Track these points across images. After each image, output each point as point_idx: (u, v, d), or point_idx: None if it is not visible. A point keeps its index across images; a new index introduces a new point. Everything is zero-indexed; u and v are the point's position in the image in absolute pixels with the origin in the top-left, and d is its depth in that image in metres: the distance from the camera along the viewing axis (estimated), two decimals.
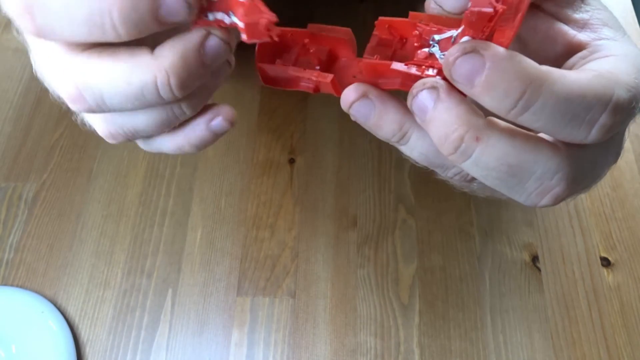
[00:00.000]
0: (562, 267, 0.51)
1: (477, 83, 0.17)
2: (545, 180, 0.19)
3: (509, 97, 0.17)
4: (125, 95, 0.20)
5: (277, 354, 0.47)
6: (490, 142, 0.18)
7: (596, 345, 0.47)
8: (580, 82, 0.18)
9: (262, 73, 0.23)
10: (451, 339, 0.47)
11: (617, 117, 0.18)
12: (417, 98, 0.19)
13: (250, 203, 0.54)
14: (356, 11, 0.67)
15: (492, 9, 0.17)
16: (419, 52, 0.20)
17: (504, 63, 0.17)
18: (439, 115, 0.19)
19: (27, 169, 0.57)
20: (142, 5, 0.18)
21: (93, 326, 0.48)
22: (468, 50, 0.17)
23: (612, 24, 0.22)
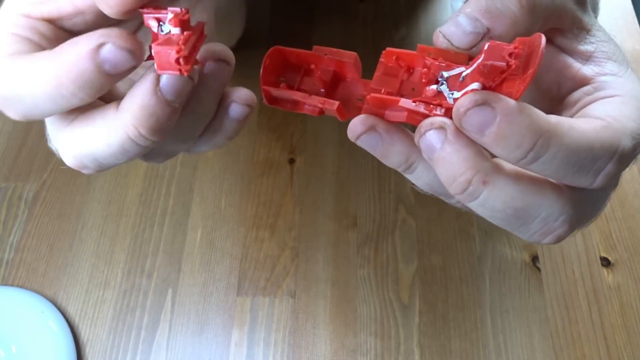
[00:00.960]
0: (562, 267, 0.51)
1: (487, 134, 0.18)
2: (549, 222, 0.19)
3: (519, 148, 0.17)
4: (113, 154, 0.20)
5: (277, 354, 0.47)
6: (497, 186, 0.19)
7: (596, 345, 0.47)
8: (588, 134, 0.18)
9: (267, 94, 0.23)
10: (451, 339, 0.47)
11: (622, 165, 0.19)
12: (424, 137, 0.19)
13: (250, 203, 0.54)
14: (356, 11, 0.67)
15: (505, 64, 0.18)
16: (427, 89, 0.20)
17: (515, 116, 0.17)
18: (447, 157, 0.19)
19: (27, 169, 0.57)
20: (86, 68, 0.18)
21: (93, 326, 0.48)
22: (479, 103, 0.18)
23: (616, 57, 0.22)
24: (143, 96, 0.19)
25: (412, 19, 0.66)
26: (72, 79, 0.19)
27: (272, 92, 0.23)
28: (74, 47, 0.19)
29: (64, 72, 0.19)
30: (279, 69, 0.23)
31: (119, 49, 0.18)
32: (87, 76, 0.19)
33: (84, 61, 0.18)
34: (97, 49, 0.18)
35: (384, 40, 0.64)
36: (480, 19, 0.19)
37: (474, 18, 0.20)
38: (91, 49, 0.18)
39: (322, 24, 0.66)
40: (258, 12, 0.66)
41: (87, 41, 0.19)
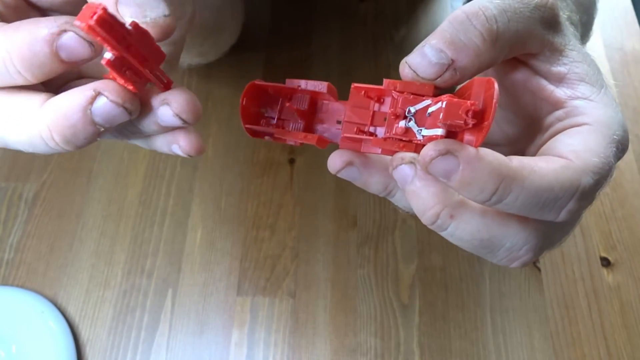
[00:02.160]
0: (562, 267, 0.51)
1: (452, 179, 0.19)
2: (514, 251, 0.21)
3: (482, 192, 0.19)
4: (19, 143, 0.20)
5: (277, 354, 0.47)
6: (463, 219, 0.20)
7: (596, 345, 0.47)
8: (548, 176, 0.19)
9: (248, 131, 0.24)
10: (451, 339, 0.47)
11: (584, 202, 0.20)
12: (397, 170, 0.21)
13: (250, 203, 0.54)
14: (356, 11, 0.67)
15: (463, 122, 0.19)
16: (396, 126, 0.21)
17: (476, 164, 0.18)
18: (417, 191, 0.20)
19: (27, 169, 0.57)
20: (40, 50, 0.18)
21: (93, 326, 0.48)
22: (443, 153, 0.19)
23: (589, 78, 0.23)
24: (71, 107, 0.19)
25: (412, 19, 0.66)
26: (22, 58, 0.18)
27: (253, 129, 0.24)
28: (33, 26, 0.18)
29: (15, 49, 0.18)
30: (259, 101, 0.24)
31: (80, 39, 0.18)
32: (38, 59, 0.18)
33: (41, 43, 0.18)
34: (58, 34, 0.18)
35: (384, 40, 0.64)
36: (445, 50, 0.20)
37: (439, 49, 0.20)
38: (52, 32, 0.18)
39: (322, 24, 0.66)
40: (258, 13, 0.66)
41: (50, 24, 0.18)
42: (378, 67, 0.61)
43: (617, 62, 0.63)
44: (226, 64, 0.63)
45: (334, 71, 0.62)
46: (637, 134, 0.58)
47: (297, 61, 0.63)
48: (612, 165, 0.20)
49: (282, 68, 0.62)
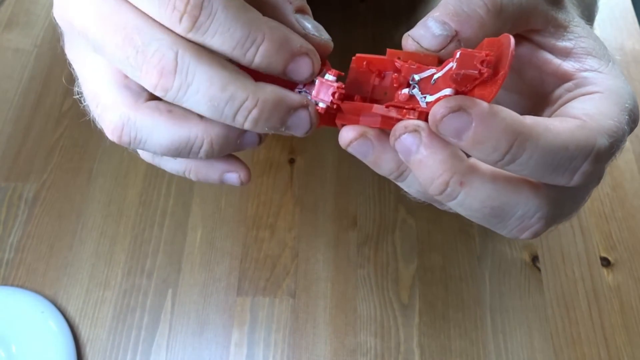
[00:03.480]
0: (562, 267, 0.51)
1: (464, 138, 0.18)
2: (526, 220, 0.20)
3: (496, 151, 0.18)
4: (164, 146, 0.21)
5: (277, 354, 0.47)
6: (473, 186, 0.19)
7: (596, 345, 0.47)
8: (563, 134, 0.18)
9: None
10: (451, 338, 0.47)
11: (599, 164, 0.19)
12: (399, 140, 0.20)
13: (250, 203, 0.54)
14: (356, 11, 0.67)
15: (477, 72, 0.18)
16: (399, 94, 0.20)
17: (490, 120, 0.18)
18: (423, 160, 0.19)
19: (27, 169, 0.57)
20: (231, 139, 0.21)
21: (93, 326, 0.48)
22: (455, 109, 0.18)
23: (596, 52, 0.22)
24: (232, 129, 0.21)
25: (412, 19, 0.66)
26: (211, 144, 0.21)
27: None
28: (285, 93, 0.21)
29: (264, 110, 0.21)
30: None
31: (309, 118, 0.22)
32: (225, 146, 0.22)
33: (285, 112, 0.21)
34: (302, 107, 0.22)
35: (384, 40, 0.64)
36: (448, 22, 0.20)
37: (442, 21, 0.20)
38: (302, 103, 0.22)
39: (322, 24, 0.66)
40: None
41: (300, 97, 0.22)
42: None
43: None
44: None
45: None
46: (637, 134, 0.58)
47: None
48: (625, 132, 0.20)
49: None
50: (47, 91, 0.62)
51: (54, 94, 0.62)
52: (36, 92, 0.62)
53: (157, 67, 0.19)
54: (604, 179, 0.55)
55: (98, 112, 0.22)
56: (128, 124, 0.21)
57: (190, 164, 0.24)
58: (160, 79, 0.19)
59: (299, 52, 0.20)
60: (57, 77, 0.63)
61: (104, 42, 0.20)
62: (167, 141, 0.21)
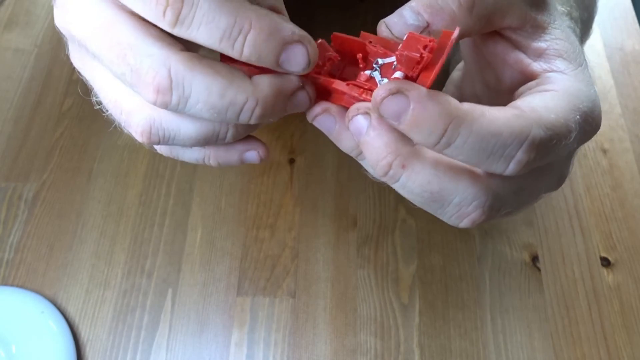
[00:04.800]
0: (562, 267, 0.51)
1: (402, 121, 0.19)
2: (463, 207, 0.21)
3: (432, 134, 0.19)
4: (193, 138, 0.22)
5: (277, 354, 0.47)
6: (415, 170, 0.20)
7: (596, 345, 0.47)
8: (498, 121, 0.19)
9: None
10: (451, 339, 0.47)
11: (534, 154, 0.19)
12: (352, 121, 0.21)
13: (250, 203, 0.54)
14: (356, 11, 0.67)
15: (419, 55, 0.19)
16: (361, 74, 0.22)
17: (426, 103, 0.18)
18: (371, 141, 0.20)
19: (27, 169, 0.57)
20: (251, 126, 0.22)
21: (93, 326, 0.48)
22: (393, 92, 0.19)
23: (567, 55, 0.23)
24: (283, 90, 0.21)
25: None
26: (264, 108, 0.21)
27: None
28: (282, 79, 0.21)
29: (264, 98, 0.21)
30: None
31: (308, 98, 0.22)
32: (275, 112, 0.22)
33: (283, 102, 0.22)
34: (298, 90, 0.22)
35: None
36: (422, 13, 0.21)
37: (417, 12, 0.21)
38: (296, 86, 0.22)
39: (322, 24, 0.66)
40: None
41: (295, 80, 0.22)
42: None
43: (617, 62, 0.63)
44: None
45: None
46: (637, 134, 0.58)
47: None
48: (571, 130, 0.20)
49: None
50: (47, 91, 0.62)
51: (54, 94, 0.62)
52: (36, 92, 0.62)
53: (153, 85, 0.19)
54: (604, 179, 0.55)
55: (124, 119, 0.22)
56: (155, 125, 0.22)
57: (209, 150, 0.25)
58: (158, 96, 0.19)
59: (290, 40, 0.20)
60: (57, 77, 0.63)
61: (101, 56, 0.20)
62: (195, 133, 0.22)
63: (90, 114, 0.60)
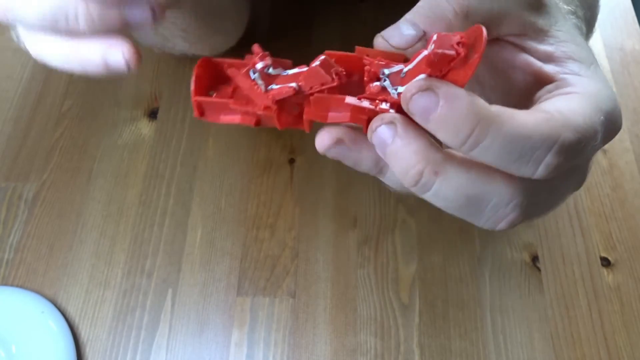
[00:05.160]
0: (562, 267, 0.51)
1: (431, 118, 0.19)
2: (501, 208, 0.20)
3: (460, 133, 0.18)
4: (39, 14, 0.20)
5: (277, 354, 0.47)
6: (448, 175, 0.20)
7: (596, 345, 0.47)
8: (527, 124, 0.19)
9: (199, 107, 0.23)
10: (451, 339, 0.47)
11: (563, 157, 0.19)
12: (376, 133, 0.20)
13: (250, 203, 0.54)
14: (356, 11, 0.67)
15: (455, 52, 0.19)
16: (371, 86, 0.21)
17: (456, 102, 0.18)
18: (398, 150, 0.20)
19: (27, 169, 0.57)
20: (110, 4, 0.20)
21: (93, 326, 0.48)
22: (424, 88, 0.19)
23: (578, 56, 0.23)
24: None
25: None
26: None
27: (203, 104, 0.22)
28: None
29: None
30: (210, 81, 0.23)
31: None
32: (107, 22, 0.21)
33: None
34: None
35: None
36: (417, 24, 0.21)
37: (413, 23, 0.21)
38: None
39: (322, 24, 0.66)
40: (257, 13, 0.66)
41: None
42: None
43: (617, 62, 0.63)
44: None
45: None
46: (637, 133, 0.58)
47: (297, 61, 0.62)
48: (597, 131, 0.20)
49: None
50: (47, 91, 0.62)
51: (54, 94, 0.62)
52: (36, 92, 0.62)
53: None
54: (604, 179, 0.55)
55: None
56: None
57: (71, 48, 0.22)
58: None
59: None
60: (57, 77, 0.63)
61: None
62: (41, 6, 0.20)
63: (90, 114, 0.60)
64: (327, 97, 0.21)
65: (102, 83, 0.63)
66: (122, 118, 0.60)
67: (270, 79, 0.22)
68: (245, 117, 0.22)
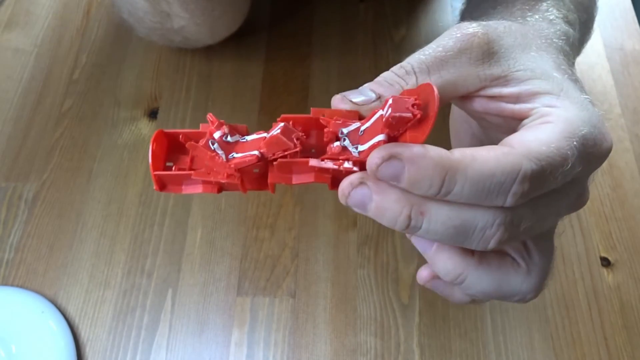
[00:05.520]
0: (562, 267, 0.51)
1: (402, 180, 0.20)
2: (487, 230, 0.21)
3: (431, 187, 0.20)
4: None
5: (277, 354, 0.47)
6: (432, 212, 0.21)
7: (596, 345, 0.47)
8: (489, 162, 0.20)
9: (159, 181, 0.23)
10: (451, 339, 0.47)
11: (527, 185, 0.20)
12: (351, 197, 0.22)
13: (250, 203, 0.54)
14: (356, 11, 0.67)
15: (411, 114, 0.20)
16: (332, 146, 0.22)
17: (420, 161, 0.20)
18: (380, 205, 0.21)
19: (27, 169, 0.57)
20: None
21: (93, 326, 0.48)
22: (386, 158, 0.20)
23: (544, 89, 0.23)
24: None
25: (412, 19, 0.66)
26: None
27: (164, 179, 0.23)
28: None
29: None
30: (166, 153, 0.23)
31: None
32: None
33: None
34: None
35: (383, 40, 0.64)
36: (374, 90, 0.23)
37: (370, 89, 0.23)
38: None
39: (322, 24, 0.66)
40: (257, 14, 0.66)
41: None
42: (378, 66, 0.61)
43: (617, 62, 0.63)
44: (226, 65, 0.63)
45: (333, 71, 0.62)
46: (637, 133, 0.58)
47: (297, 62, 0.63)
48: (567, 157, 0.21)
49: (282, 69, 0.62)
50: (47, 91, 0.62)
51: (54, 94, 0.62)
52: (36, 92, 0.62)
53: None
54: (604, 179, 0.55)
55: None
56: None
57: None
58: None
59: None
60: (57, 77, 0.63)
61: None
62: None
63: (90, 114, 0.60)
64: (290, 162, 0.22)
65: (102, 83, 0.63)
66: (122, 118, 0.60)
67: (229, 146, 0.22)
68: (207, 187, 0.23)
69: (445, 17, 0.66)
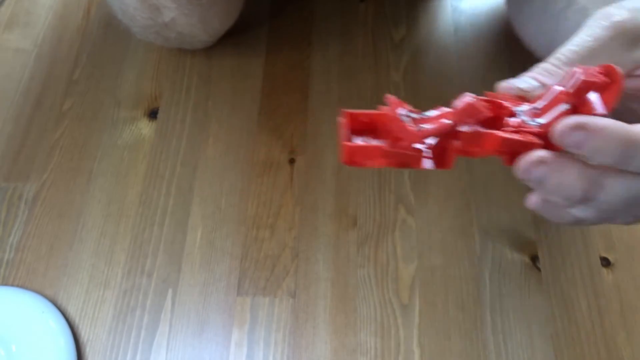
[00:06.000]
0: (562, 267, 0.50)
1: (584, 147, 0.21)
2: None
3: (611, 157, 0.21)
4: None
5: (277, 354, 0.47)
6: (609, 185, 0.22)
7: (596, 345, 0.47)
8: None
9: (350, 152, 0.23)
10: (451, 339, 0.47)
11: None
12: (531, 173, 0.23)
13: (250, 203, 0.54)
14: (356, 11, 0.67)
15: (598, 79, 0.22)
16: (510, 120, 0.23)
17: (603, 133, 0.21)
18: (561, 182, 0.22)
19: (27, 169, 0.57)
20: None
21: (93, 326, 0.48)
22: (573, 126, 0.21)
23: None
24: None
25: (412, 19, 0.66)
26: None
27: (354, 149, 0.23)
28: None
29: None
30: (352, 131, 0.24)
31: None
32: None
33: None
34: None
35: (384, 40, 0.64)
36: (536, 78, 0.25)
37: (532, 77, 0.25)
38: None
39: (322, 23, 0.66)
40: (257, 14, 0.66)
41: None
42: (378, 66, 0.61)
43: None
44: (226, 66, 0.63)
45: (333, 71, 0.62)
46: None
47: (297, 62, 0.63)
48: None
49: (283, 70, 0.62)
50: (47, 91, 0.62)
51: (54, 94, 0.62)
52: (36, 92, 0.62)
53: None
54: None
55: None
56: None
57: None
58: None
59: None
60: (57, 77, 0.63)
61: None
62: None
63: (90, 114, 0.60)
64: (480, 133, 0.23)
65: (102, 83, 0.63)
66: (122, 118, 0.60)
67: (416, 121, 0.23)
68: (391, 160, 0.23)
69: (445, 17, 0.66)
